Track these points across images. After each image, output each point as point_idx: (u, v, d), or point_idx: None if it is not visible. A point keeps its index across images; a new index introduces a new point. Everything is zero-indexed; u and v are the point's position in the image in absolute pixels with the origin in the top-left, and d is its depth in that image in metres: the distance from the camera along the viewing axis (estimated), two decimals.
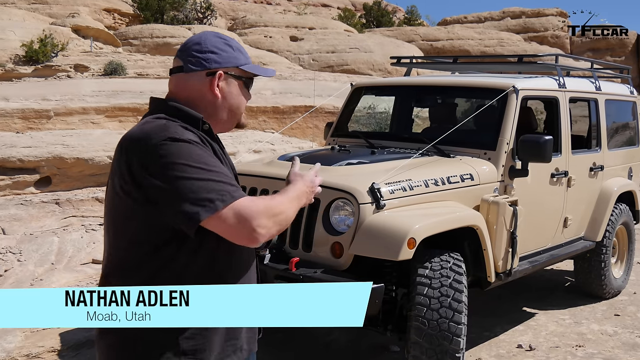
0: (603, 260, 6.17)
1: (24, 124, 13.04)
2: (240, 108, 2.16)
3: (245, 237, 1.89)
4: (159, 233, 1.92)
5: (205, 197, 1.84)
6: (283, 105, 16.29)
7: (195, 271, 1.97)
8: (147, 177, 1.87)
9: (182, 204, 1.84)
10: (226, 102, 2.11)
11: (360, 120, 13.07)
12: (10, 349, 4.95)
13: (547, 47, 37.82)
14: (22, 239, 8.41)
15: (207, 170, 1.88)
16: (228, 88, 2.11)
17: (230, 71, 2.10)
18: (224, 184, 1.88)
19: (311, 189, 2.19)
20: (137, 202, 1.90)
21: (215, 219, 1.85)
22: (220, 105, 2.11)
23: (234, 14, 39.80)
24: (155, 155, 1.87)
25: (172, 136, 1.90)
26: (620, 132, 6.89)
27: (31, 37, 16.80)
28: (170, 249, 1.94)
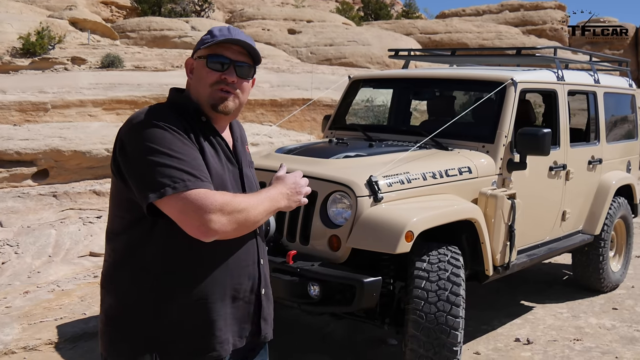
0: (601, 253, 6.16)
1: (21, 116, 13.01)
2: (200, 86, 2.10)
3: (194, 228, 1.90)
4: (134, 209, 1.98)
5: (158, 181, 1.89)
6: (281, 98, 16.26)
7: (171, 251, 2.01)
8: (122, 155, 1.97)
9: (139, 184, 1.92)
10: (193, 82, 2.14)
11: (358, 113, 13.01)
12: (8, 341, 4.94)
13: (546, 40, 37.77)
14: (20, 232, 8.40)
15: (170, 156, 1.91)
16: (195, 69, 2.13)
17: (197, 54, 2.13)
18: (183, 172, 1.90)
19: (294, 191, 2.16)
20: (117, 178, 2.01)
21: (165, 204, 1.90)
22: (192, 87, 2.14)
23: (231, 7, 39.66)
24: (130, 136, 1.97)
25: (149, 119, 1.97)
26: (619, 125, 6.87)
27: (28, 30, 16.72)
28: (143, 226, 2.00)
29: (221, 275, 2.04)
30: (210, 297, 2.02)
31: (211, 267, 2.03)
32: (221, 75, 2.07)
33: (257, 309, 2.17)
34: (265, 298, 2.20)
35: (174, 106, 2.09)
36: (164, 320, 2.00)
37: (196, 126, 2.05)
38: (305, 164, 4.44)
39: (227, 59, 2.07)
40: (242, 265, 2.10)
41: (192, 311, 2.01)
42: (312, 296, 3.91)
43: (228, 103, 2.09)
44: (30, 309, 5.69)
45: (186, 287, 2.01)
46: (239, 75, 2.10)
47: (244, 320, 2.13)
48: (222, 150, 2.10)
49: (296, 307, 4.13)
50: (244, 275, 2.10)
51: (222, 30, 2.10)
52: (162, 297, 2.01)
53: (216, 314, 2.04)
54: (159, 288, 2.01)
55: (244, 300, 2.12)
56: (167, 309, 2.00)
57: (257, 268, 2.16)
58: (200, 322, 2.02)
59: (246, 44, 2.09)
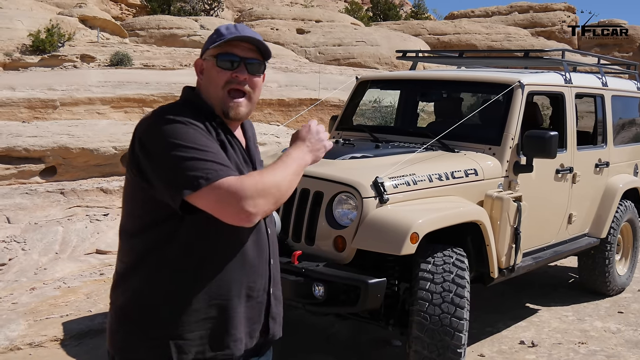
0: (607, 257, 6.14)
1: (30, 113, 13.06)
2: (211, 88, 2.07)
3: (234, 215, 1.89)
4: (157, 208, 1.97)
5: (190, 175, 1.86)
6: (289, 98, 16.26)
7: (194, 250, 2.00)
8: (144, 154, 1.94)
9: (169, 181, 1.89)
10: (203, 83, 2.11)
11: (365, 114, 13.04)
12: (14, 337, 4.97)
13: (555, 42, 37.66)
14: (27, 228, 8.44)
15: (197, 149, 1.89)
16: (207, 70, 2.10)
17: (206, 54, 2.09)
18: (213, 162, 1.89)
19: (314, 140, 2.14)
20: (139, 178, 1.97)
21: (200, 197, 1.87)
22: (203, 89, 2.11)
23: (240, 6, 39.72)
24: (150, 134, 1.94)
25: (167, 116, 1.94)
26: (627, 129, 6.85)
27: (38, 27, 16.78)
28: (168, 225, 1.98)
29: (238, 274, 2.04)
30: (228, 295, 2.02)
31: (229, 265, 2.02)
32: (232, 74, 2.04)
33: (267, 308, 2.16)
34: (274, 297, 2.19)
35: (189, 104, 2.07)
36: (183, 317, 1.99)
37: (212, 125, 2.04)
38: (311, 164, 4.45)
39: (237, 57, 2.05)
40: (256, 264, 2.09)
41: (211, 309, 2.01)
42: (317, 296, 3.92)
43: (240, 109, 2.07)
44: (36, 306, 5.72)
45: (206, 285, 2.00)
46: (250, 72, 2.07)
47: (254, 320, 2.13)
48: (238, 149, 2.10)
49: (301, 307, 4.14)
50: (257, 273, 2.10)
51: (230, 29, 2.06)
52: (181, 295, 2.00)
53: (233, 311, 2.03)
54: (179, 286, 2.00)
55: (256, 299, 2.11)
56: (186, 307, 1.99)
57: (267, 267, 2.15)
58: (218, 320, 2.02)
59: (255, 40, 2.07)
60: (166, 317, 2.00)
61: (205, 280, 2.00)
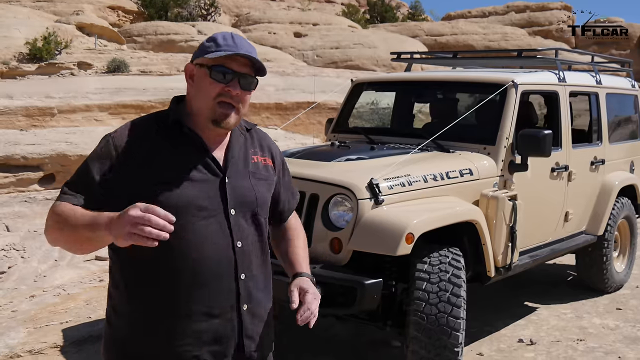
0: (605, 254, 6.16)
1: (27, 121, 13.10)
2: (200, 96, 2.03)
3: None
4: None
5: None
6: (286, 101, 16.30)
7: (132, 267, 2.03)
8: None
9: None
10: (193, 90, 2.07)
11: (363, 116, 13.07)
12: (14, 345, 4.99)
13: (552, 41, 37.73)
14: (26, 236, 8.46)
15: (84, 164, 2.02)
16: (196, 77, 2.06)
17: (198, 61, 2.05)
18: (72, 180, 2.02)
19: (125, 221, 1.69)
20: None
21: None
22: (192, 95, 2.08)
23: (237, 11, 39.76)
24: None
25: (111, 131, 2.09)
26: (622, 126, 6.87)
27: (36, 35, 16.84)
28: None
29: (184, 292, 1.98)
30: (175, 314, 1.98)
31: (172, 283, 1.98)
32: (224, 87, 2.00)
33: (240, 326, 2.07)
34: (248, 314, 2.08)
35: (154, 116, 2.12)
36: (134, 336, 2.02)
37: (167, 137, 2.03)
38: (307, 167, 4.48)
39: (231, 71, 2.00)
40: (212, 280, 2.00)
41: (158, 328, 1.99)
42: None
43: (230, 120, 2.03)
44: (36, 313, 5.73)
45: (149, 304, 1.99)
46: (242, 88, 2.03)
47: (224, 338, 2.05)
48: (199, 160, 2.03)
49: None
50: (217, 290, 2.01)
51: (227, 39, 2.02)
52: (129, 313, 2.03)
53: (181, 330, 1.99)
54: (124, 304, 2.04)
55: (220, 317, 2.03)
56: (135, 325, 2.01)
57: (234, 283, 2.04)
58: (167, 339, 2.00)
59: (252, 58, 2.02)
60: (120, 334, 2.05)
61: (147, 299, 1.99)
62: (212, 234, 2.00)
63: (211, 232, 1.99)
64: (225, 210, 2.03)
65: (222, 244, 2.01)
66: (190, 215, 1.97)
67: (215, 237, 2.00)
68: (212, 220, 2.00)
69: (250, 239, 2.10)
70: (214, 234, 2.00)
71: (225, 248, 2.02)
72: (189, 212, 1.96)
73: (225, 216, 2.03)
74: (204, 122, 2.05)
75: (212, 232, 1.99)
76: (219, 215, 2.02)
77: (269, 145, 2.29)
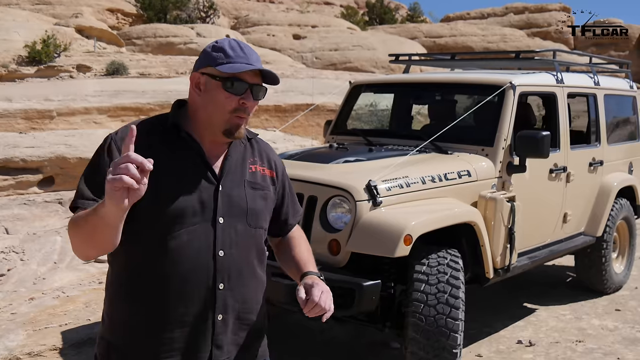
0: (604, 255, 6.16)
1: (27, 124, 13.10)
2: (213, 109, 2.01)
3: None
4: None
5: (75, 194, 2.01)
6: (285, 103, 16.32)
7: (116, 271, 2.07)
8: None
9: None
10: (202, 101, 2.03)
11: (362, 117, 13.08)
12: (13, 347, 4.99)
13: (551, 43, 37.78)
14: (25, 239, 8.46)
15: (88, 168, 2.00)
16: (206, 88, 2.02)
17: (207, 71, 2.01)
18: (79, 189, 1.98)
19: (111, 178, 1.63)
20: None
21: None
22: (199, 104, 2.04)
23: (236, 13, 39.82)
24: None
25: (112, 132, 2.07)
26: (621, 127, 6.87)
27: (35, 38, 16.86)
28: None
29: (162, 297, 1.98)
30: (152, 318, 1.99)
31: (153, 287, 1.98)
32: (240, 100, 1.99)
33: (210, 340, 2.03)
34: (222, 325, 2.04)
35: (156, 119, 2.11)
36: (115, 340, 2.04)
37: (165, 140, 2.03)
38: (305, 169, 4.48)
39: (246, 84, 2.00)
40: (189, 288, 1.99)
41: (136, 331, 2.01)
42: None
43: (241, 130, 2.04)
44: (35, 315, 5.74)
45: (129, 307, 2.01)
46: (255, 98, 2.03)
47: (195, 347, 2.03)
48: (195, 166, 2.03)
49: (297, 311, 4.15)
50: (193, 298, 2.00)
51: (235, 49, 2.01)
52: (111, 319, 2.06)
53: (157, 334, 1.99)
54: (111, 309, 2.07)
55: (194, 325, 2.01)
56: (116, 328, 2.04)
57: (212, 292, 2.01)
58: (143, 342, 2.00)
59: (265, 70, 2.02)
60: (104, 339, 2.08)
61: (129, 302, 2.01)
62: (195, 241, 1.98)
63: (194, 239, 1.98)
64: (214, 218, 2.01)
65: (203, 251, 2.00)
66: (180, 221, 1.96)
67: (197, 244, 1.98)
68: (198, 227, 1.98)
69: (238, 248, 2.06)
70: (196, 241, 1.98)
71: (205, 256, 2.00)
72: (180, 218, 1.96)
73: (212, 224, 2.00)
74: (211, 131, 2.04)
75: (195, 239, 1.98)
76: (206, 222, 2.00)
77: (270, 156, 2.26)
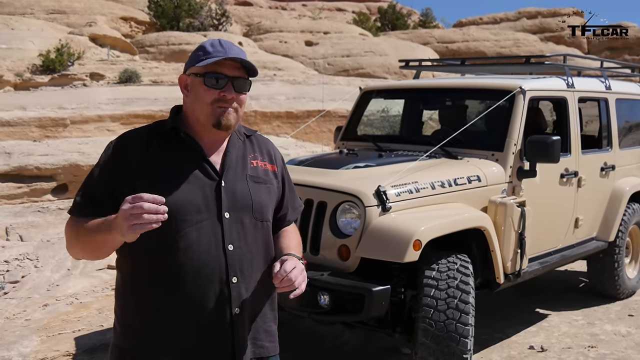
0: (616, 260, 6.12)
1: (40, 132, 13.22)
2: (196, 104, 2.08)
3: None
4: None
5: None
6: (297, 110, 16.36)
7: (126, 274, 2.11)
8: None
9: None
10: (189, 100, 2.12)
11: (374, 123, 13.08)
12: (27, 353, 5.03)
13: (564, 47, 37.61)
14: (39, 246, 8.52)
15: (94, 170, 2.07)
16: (191, 87, 2.11)
17: (191, 71, 2.10)
18: (80, 192, 2.06)
19: (126, 214, 1.75)
20: None
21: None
22: (188, 104, 2.14)
23: (249, 20, 39.98)
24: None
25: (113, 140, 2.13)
26: (633, 131, 6.83)
27: (49, 47, 17.01)
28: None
29: (175, 294, 2.01)
30: (166, 314, 2.02)
31: (165, 285, 2.01)
32: (220, 92, 2.05)
33: (231, 330, 2.07)
34: (239, 318, 2.08)
35: (155, 124, 2.17)
36: (130, 345, 2.07)
37: (165, 143, 2.08)
38: (316, 175, 4.49)
39: (224, 76, 2.06)
40: (203, 284, 2.02)
41: (147, 338, 2.04)
42: (322, 305, 3.95)
43: (229, 117, 2.07)
44: (49, 322, 5.78)
45: (139, 313, 2.05)
46: (237, 91, 2.08)
47: (214, 342, 2.06)
48: (196, 164, 2.07)
49: (306, 316, 4.17)
50: (208, 293, 2.03)
51: (215, 46, 2.08)
52: (123, 320, 2.09)
53: (172, 329, 2.03)
54: (121, 311, 2.11)
55: (212, 323, 2.05)
56: (129, 334, 2.07)
57: (227, 286, 2.05)
58: (156, 349, 2.03)
59: (242, 60, 2.07)
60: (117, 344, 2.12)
61: (141, 302, 2.05)
62: (204, 237, 2.02)
63: (202, 235, 2.02)
64: (219, 213, 2.05)
65: (212, 247, 2.03)
66: (186, 219, 2.00)
67: (206, 240, 2.02)
68: (205, 223, 2.03)
69: (246, 242, 2.10)
70: (205, 237, 2.02)
71: (215, 251, 2.04)
72: (184, 215, 2.00)
73: (218, 219, 2.05)
74: (204, 128, 2.09)
75: (203, 235, 2.02)
76: (212, 218, 2.04)
77: (270, 150, 2.32)
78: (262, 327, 2.18)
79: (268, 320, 2.21)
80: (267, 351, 2.21)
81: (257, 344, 2.16)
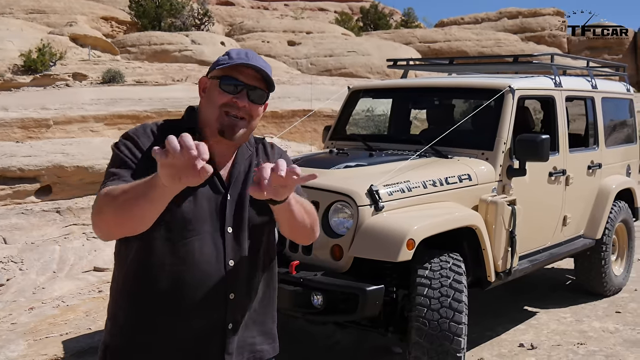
0: (603, 257, 6.17)
1: (23, 133, 13.07)
2: (208, 106, 2.04)
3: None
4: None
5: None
6: (281, 109, 16.32)
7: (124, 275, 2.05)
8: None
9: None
10: (204, 101, 2.08)
11: (359, 123, 13.07)
12: (14, 358, 4.97)
13: (545, 47, 37.90)
14: (24, 248, 8.43)
15: (114, 159, 1.99)
16: (209, 89, 2.07)
17: (212, 74, 2.06)
18: (111, 169, 1.95)
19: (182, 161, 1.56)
20: None
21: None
22: (202, 106, 2.10)
23: (231, 20, 39.86)
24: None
25: (126, 133, 2.07)
26: (618, 130, 6.90)
27: (29, 47, 16.83)
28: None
29: (172, 307, 1.98)
30: (161, 327, 2.00)
31: (164, 298, 1.98)
32: (232, 98, 2.00)
33: (222, 343, 2.05)
34: (231, 333, 2.05)
35: (168, 124, 2.11)
36: (120, 342, 2.04)
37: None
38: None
39: (240, 83, 2.01)
40: (200, 298, 1.99)
41: (138, 337, 2.02)
42: (316, 306, 3.94)
43: (238, 132, 2.01)
44: (35, 325, 5.72)
45: (133, 312, 2.02)
46: (251, 100, 2.02)
47: (204, 354, 2.04)
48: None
49: (300, 317, 4.16)
50: (203, 308, 2.00)
51: (240, 54, 2.04)
52: (116, 317, 2.06)
53: (166, 343, 2.00)
54: (113, 312, 2.08)
55: (204, 333, 2.02)
56: (119, 331, 2.04)
57: (224, 302, 2.02)
58: (145, 348, 2.01)
59: (261, 70, 2.03)
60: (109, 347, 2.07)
61: (130, 308, 2.02)
62: (206, 248, 1.98)
63: (205, 246, 1.98)
64: (222, 228, 2.02)
65: (214, 260, 2.00)
66: (191, 227, 1.97)
67: (208, 251, 1.99)
68: (207, 235, 1.99)
69: (247, 257, 2.07)
70: (207, 249, 1.99)
71: (216, 265, 2.00)
72: (190, 224, 1.96)
73: (221, 234, 2.01)
74: (212, 134, 2.03)
75: (205, 246, 1.98)
76: (216, 232, 2.01)
77: (276, 153, 2.26)
78: (257, 340, 2.16)
79: (266, 334, 2.20)
80: (263, 355, 2.19)
81: (255, 348, 2.15)
